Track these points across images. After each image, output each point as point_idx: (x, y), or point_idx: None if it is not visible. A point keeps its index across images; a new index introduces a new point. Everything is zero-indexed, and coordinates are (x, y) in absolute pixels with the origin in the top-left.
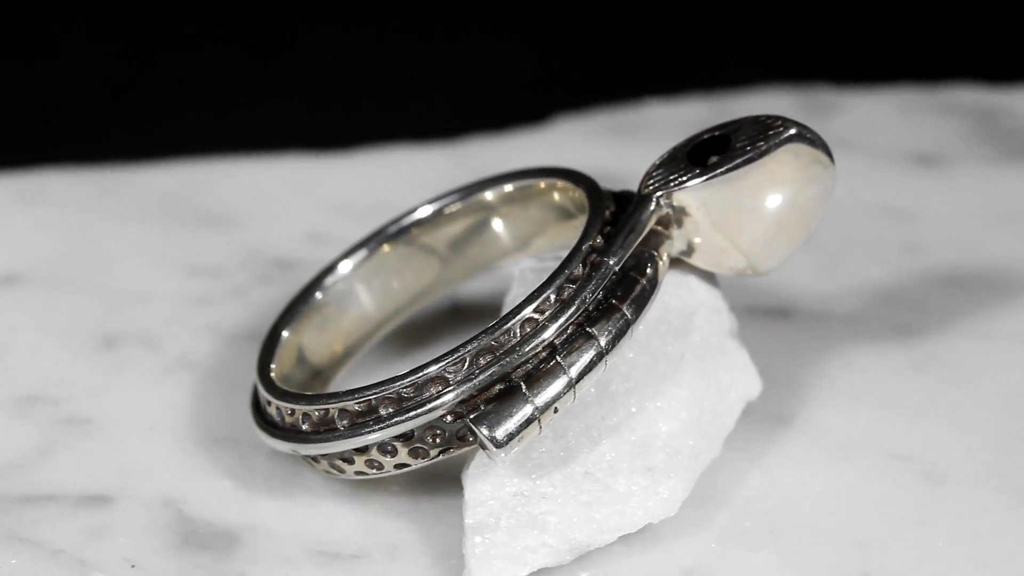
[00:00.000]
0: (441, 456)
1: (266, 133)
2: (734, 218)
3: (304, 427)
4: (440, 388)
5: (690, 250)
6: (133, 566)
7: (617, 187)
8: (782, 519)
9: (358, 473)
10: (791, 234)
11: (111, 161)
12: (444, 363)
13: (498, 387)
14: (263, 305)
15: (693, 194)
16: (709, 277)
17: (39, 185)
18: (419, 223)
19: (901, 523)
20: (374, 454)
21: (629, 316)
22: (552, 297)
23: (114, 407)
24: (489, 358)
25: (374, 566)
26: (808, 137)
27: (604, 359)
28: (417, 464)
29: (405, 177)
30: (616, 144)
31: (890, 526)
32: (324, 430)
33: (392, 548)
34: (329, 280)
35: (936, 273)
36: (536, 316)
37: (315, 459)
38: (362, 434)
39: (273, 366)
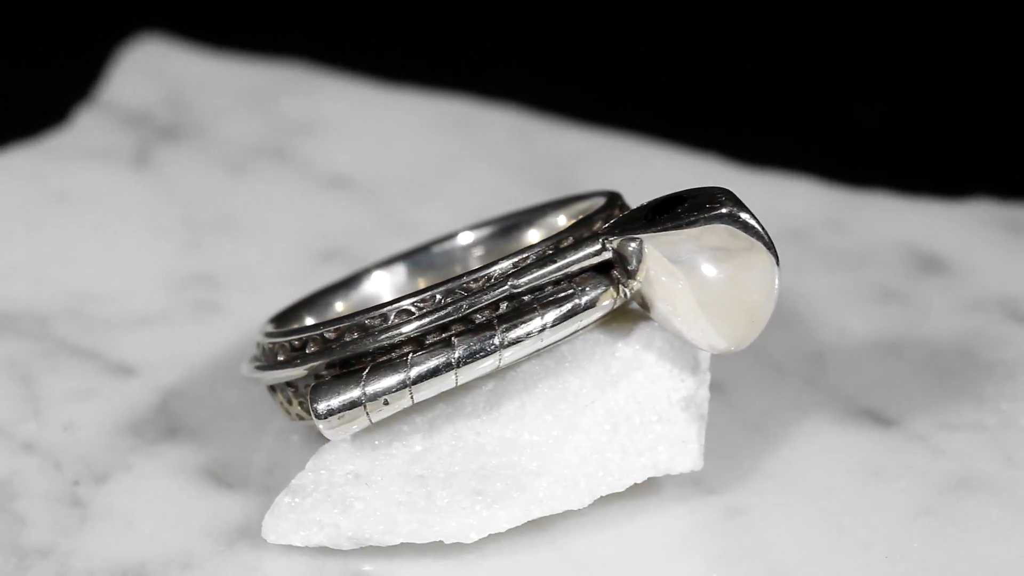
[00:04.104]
0: None
1: (699, 128)
2: (669, 282)
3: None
4: (315, 348)
5: (645, 306)
6: (65, 428)
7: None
8: None
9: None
10: (728, 318)
11: (556, 112)
12: (322, 330)
13: (353, 365)
14: None
15: (631, 245)
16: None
17: (472, 113)
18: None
19: None
20: (279, 397)
21: (498, 341)
22: (438, 297)
23: (250, 307)
24: (356, 335)
25: (231, 497)
26: (741, 222)
27: (453, 371)
28: (308, 419)
29: (784, 209)
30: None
31: None
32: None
33: (268, 489)
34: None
35: None
36: (412, 309)
37: None
38: (261, 371)
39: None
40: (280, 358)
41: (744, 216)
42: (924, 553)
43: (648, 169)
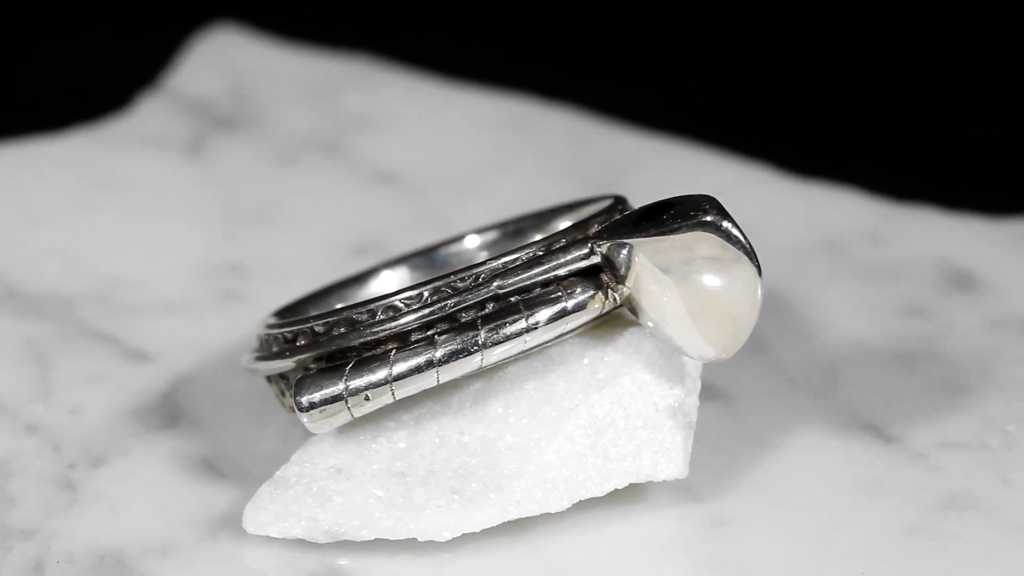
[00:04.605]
0: None
1: (753, 136)
2: (659, 289)
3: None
4: (304, 342)
5: (635, 312)
6: (71, 412)
7: None
8: None
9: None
10: (716, 327)
11: (614, 116)
12: (312, 323)
13: (338, 360)
14: None
15: (621, 251)
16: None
17: (530, 114)
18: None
19: None
20: (275, 389)
21: (480, 341)
22: (425, 295)
23: (275, 298)
24: (344, 330)
25: (222, 487)
26: (723, 231)
27: (435, 370)
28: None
29: (825, 220)
30: None
31: None
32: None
33: (261, 480)
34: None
35: None
36: (400, 305)
37: None
38: (255, 361)
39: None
40: (274, 349)
41: (726, 225)
42: (904, 570)
43: (698, 175)
